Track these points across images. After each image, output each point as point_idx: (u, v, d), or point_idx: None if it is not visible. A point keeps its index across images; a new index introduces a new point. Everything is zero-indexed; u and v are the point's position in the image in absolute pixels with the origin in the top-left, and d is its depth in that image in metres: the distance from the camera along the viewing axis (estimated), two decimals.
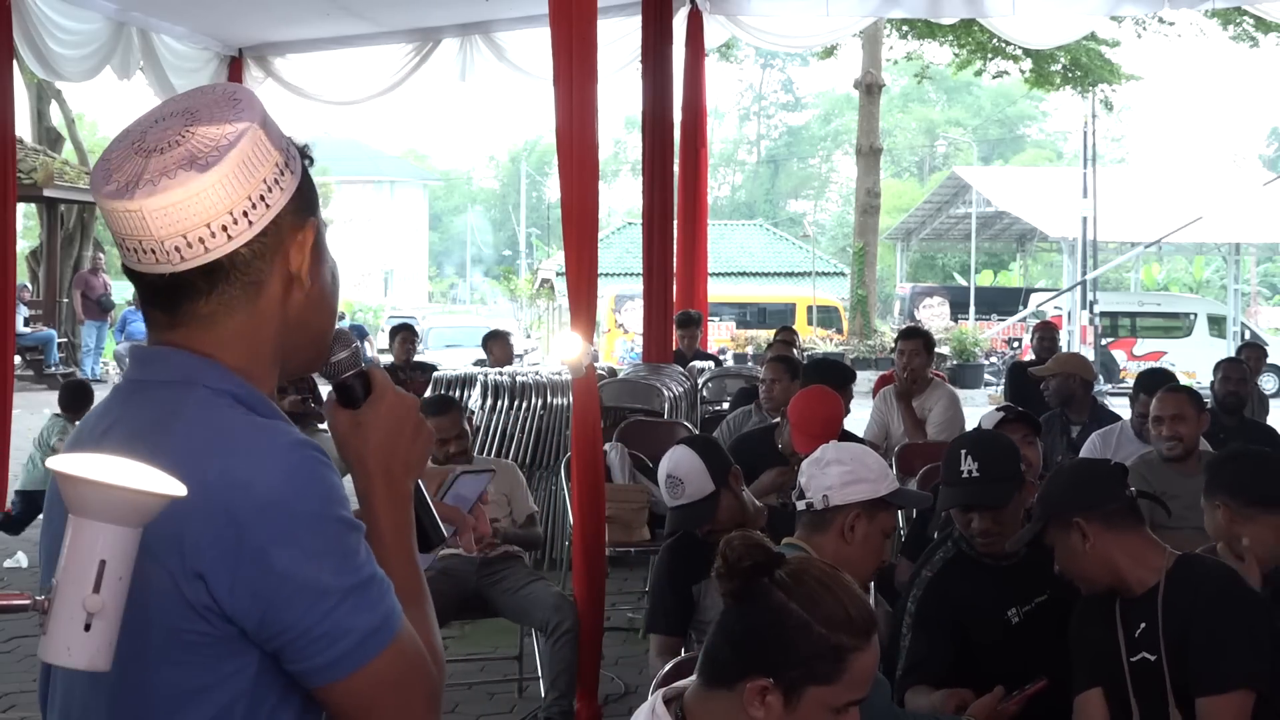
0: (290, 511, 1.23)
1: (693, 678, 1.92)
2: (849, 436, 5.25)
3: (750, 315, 29.75)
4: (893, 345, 12.50)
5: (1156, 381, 5.39)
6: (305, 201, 1.36)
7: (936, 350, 21.17)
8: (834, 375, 5.93)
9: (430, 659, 1.33)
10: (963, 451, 3.47)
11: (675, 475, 3.75)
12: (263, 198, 1.31)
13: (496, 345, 10.05)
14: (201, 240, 1.28)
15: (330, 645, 1.24)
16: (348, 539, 1.26)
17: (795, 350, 9.87)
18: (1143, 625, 2.83)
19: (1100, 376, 23.08)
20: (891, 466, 5.97)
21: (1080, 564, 2.91)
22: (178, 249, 1.28)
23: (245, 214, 1.29)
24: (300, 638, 1.23)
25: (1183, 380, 6.41)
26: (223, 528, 1.21)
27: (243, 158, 1.29)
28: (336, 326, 1.45)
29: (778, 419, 5.65)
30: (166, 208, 1.26)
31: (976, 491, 3.38)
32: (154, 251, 1.29)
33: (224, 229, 1.29)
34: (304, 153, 1.39)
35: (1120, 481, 2.98)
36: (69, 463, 1.10)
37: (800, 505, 3.05)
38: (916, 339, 6.75)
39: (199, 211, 1.27)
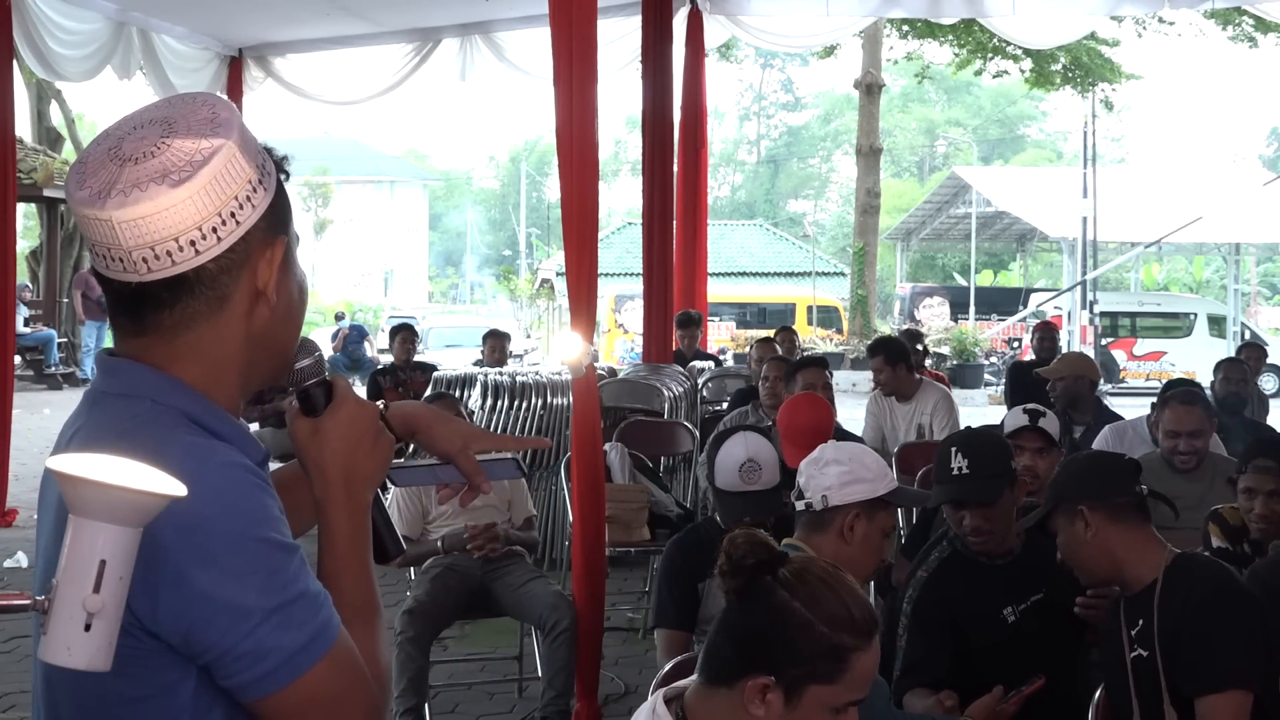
0: (211, 532, 1.24)
1: (693, 677, 1.92)
2: (847, 436, 5.24)
3: (750, 315, 29.77)
4: None
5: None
6: (278, 218, 1.37)
7: (936, 350, 21.30)
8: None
9: (370, 676, 1.33)
10: (953, 449, 3.46)
11: (756, 460, 3.69)
12: (233, 214, 1.32)
13: (488, 344, 10.10)
14: (169, 254, 1.29)
15: (254, 664, 1.24)
16: (273, 558, 1.26)
17: (796, 349, 9.87)
18: (1140, 622, 2.83)
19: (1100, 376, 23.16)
20: (891, 467, 6.00)
21: (1081, 553, 2.92)
22: (144, 260, 1.29)
23: (214, 230, 1.30)
24: (224, 656, 1.24)
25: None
26: (145, 548, 1.20)
27: (215, 174, 1.30)
28: (304, 335, 1.47)
29: (771, 421, 5.65)
30: (135, 220, 1.27)
31: (966, 488, 3.37)
32: (121, 261, 1.30)
33: (192, 244, 1.30)
34: (280, 166, 1.40)
35: (1132, 477, 2.97)
36: (69, 463, 1.09)
37: (799, 505, 3.04)
38: (877, 355, 6.84)
39: (167, 225, 1.28)
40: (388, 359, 11.51)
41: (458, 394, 7.47)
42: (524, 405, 7.40)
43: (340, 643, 1.30)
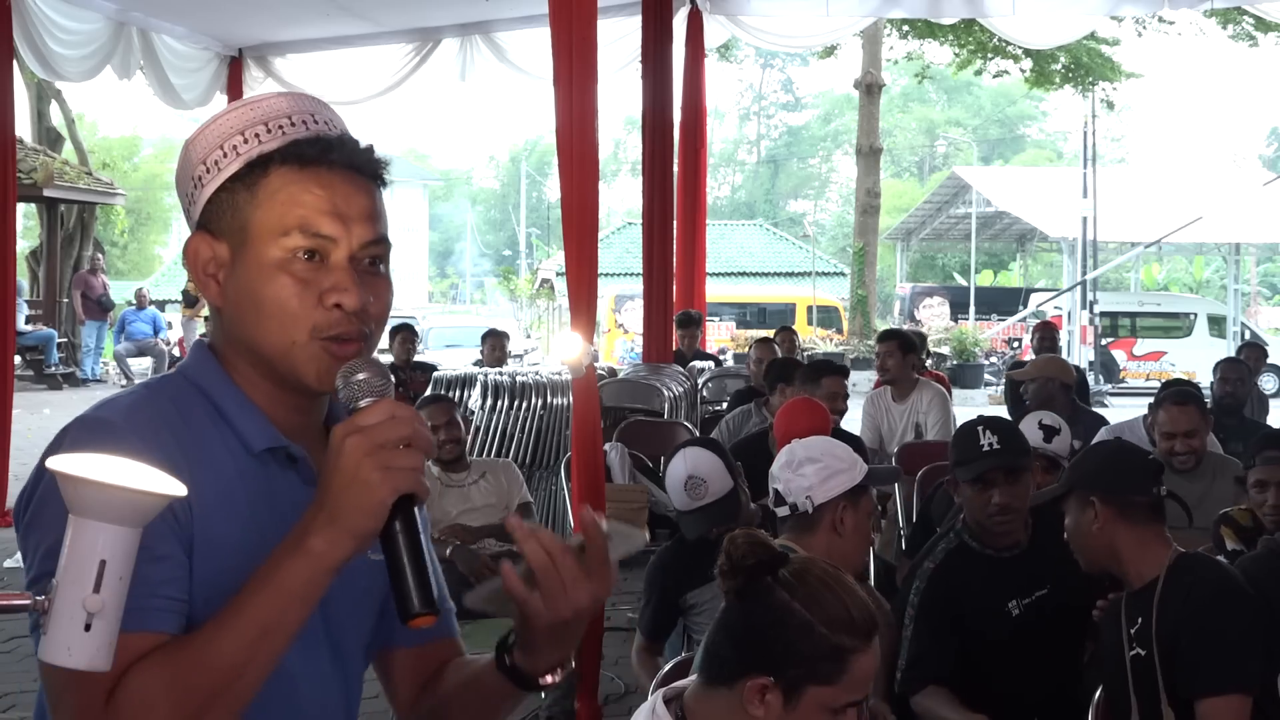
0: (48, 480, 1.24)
1: (692, 677, 1.92)
2: (844, 436, 5.24)
3: (750, 315, 29.77)
4: None
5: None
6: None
7: (936, 350, 21.31)
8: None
9: (117, 702, 1.19)
10: (980, 428, 3.48)
11: (698, 475, 3.73)
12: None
13: (487, 344, 10.10)
14: None
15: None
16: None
17: (796, 349, 9.88)
18: (1139, 620, 2.82)
19: (1100, 376, 23.18)
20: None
21: (1084, 541, 2.93)
22: None
23: None
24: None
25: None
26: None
27: None
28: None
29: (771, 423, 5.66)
30: None
31: (999, 460, 3.38)
32: None
33: None
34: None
35: (1152, 477, 2.96)
36: (69, 463, 1.09)
37: (782, 511, 3.02)
38: (890, 341, 6.96)
39: None
40: (387, 359, 11.51)
41: (458, 394, 7.48)
42: (524, 405, 7.41)
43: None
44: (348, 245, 1.35)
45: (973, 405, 19.17)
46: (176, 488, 1.11)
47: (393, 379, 1.35)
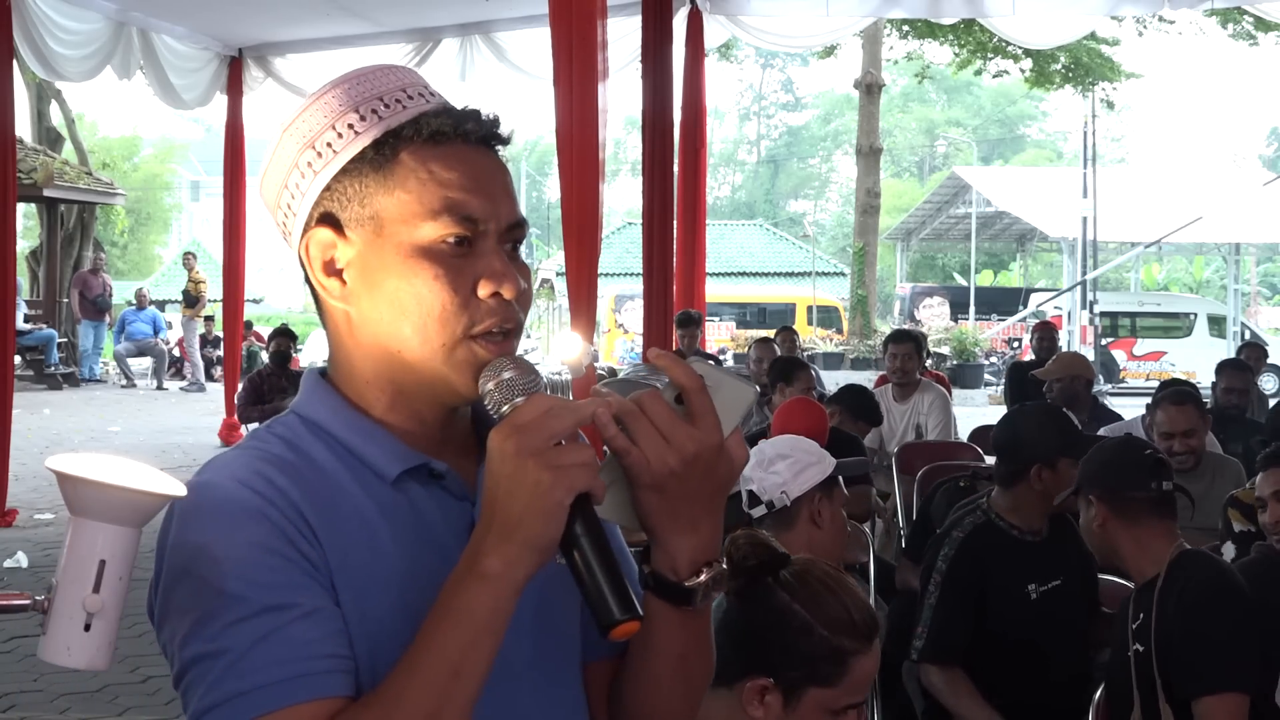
0: (171, 552, 1.14)
1: None
2: (847, 439, 5.24)
3: (750, 315, 29.79)
4: None
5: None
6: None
7: (936, 350, 21.34)
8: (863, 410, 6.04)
9: None
10: (1066, 412, 3.67)
11: None
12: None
13: None
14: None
15: (184, 707, 1.12)
16: (209, 601, 1.10)
17: (797, 349, 9.89)
18: (1141, 617, 2.82)
19: (1100, 376, 23.18)
20: (892, 468, 6.02)
21: (1091, 538, 3.01)
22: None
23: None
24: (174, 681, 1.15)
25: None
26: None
27: None
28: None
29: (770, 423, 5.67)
30: None
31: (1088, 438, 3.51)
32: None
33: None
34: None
35: (1153, 474, 2.93)
36: (69, 463, 1.09)
37: (758, 511, 3.02)
38: (907, 342, 7.06)
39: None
40: None
41: None
42: None
43: None
44: (496, 226, 1.19)
45: (972, 405, 19.18)
46: (176, 488, 1.11)
47: (540, 373, 1.20)
